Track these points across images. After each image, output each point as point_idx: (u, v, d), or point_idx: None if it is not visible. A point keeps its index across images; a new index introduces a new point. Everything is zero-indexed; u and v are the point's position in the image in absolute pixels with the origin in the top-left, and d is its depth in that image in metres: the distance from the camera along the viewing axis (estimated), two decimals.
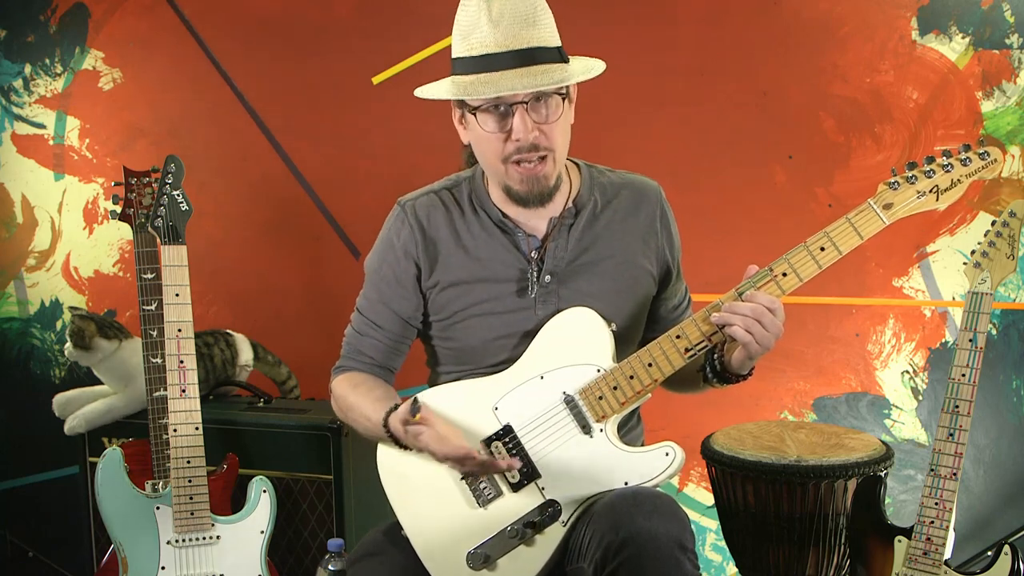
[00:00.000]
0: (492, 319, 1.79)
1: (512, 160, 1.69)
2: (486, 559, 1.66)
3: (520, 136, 1.66)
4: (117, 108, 3.23)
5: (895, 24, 2.79)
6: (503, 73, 1.63)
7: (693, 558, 1.54)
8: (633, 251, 1.83)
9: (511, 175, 1.71)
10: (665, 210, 1.88)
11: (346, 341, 1.90)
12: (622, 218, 1.84)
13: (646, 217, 1.85)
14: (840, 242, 1.63)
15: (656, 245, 1.86)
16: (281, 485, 2.44)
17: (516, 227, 1.80)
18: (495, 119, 1.67)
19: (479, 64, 1.65)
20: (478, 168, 1.85)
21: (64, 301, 3.29)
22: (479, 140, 1.72)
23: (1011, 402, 2.82)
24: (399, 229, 1.84)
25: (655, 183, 1.90)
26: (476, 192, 1.84)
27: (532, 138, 1.67)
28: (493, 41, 1.63)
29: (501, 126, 1.67)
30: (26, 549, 3.18)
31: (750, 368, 1.72)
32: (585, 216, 1.81)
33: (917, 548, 1.97)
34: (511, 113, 1.66)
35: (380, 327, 1.86)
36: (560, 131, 1.71)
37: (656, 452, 1.66)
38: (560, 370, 1.72)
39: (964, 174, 1.63)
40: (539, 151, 1.68)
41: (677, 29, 2.89)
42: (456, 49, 1.69)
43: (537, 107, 1.66)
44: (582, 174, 1.85)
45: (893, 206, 1.63)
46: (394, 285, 1.84)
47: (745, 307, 1.60)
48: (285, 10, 3.11)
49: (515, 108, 1.65)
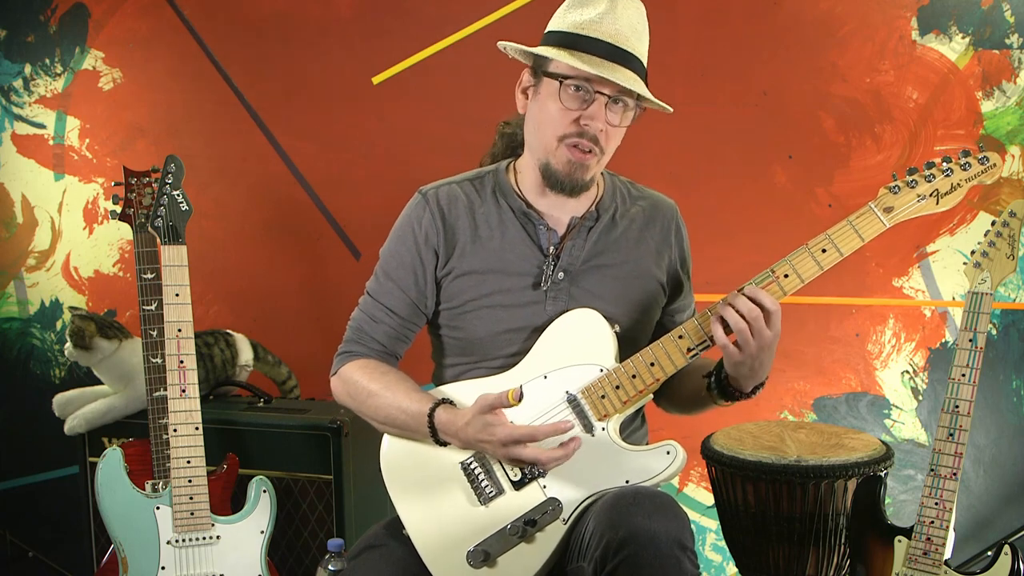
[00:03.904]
0: (501, 312, 1.80)
1: (569, 142, 1.74)
2: (486, 556, 1.66)
3: (591, 123, 1.71)
4: (117, 108, 3.23)
5: (895, 24, 2.79)
6: (605, 61, 1.69)
7: (693, 557, 1.55)
8: (646, 260, 1.87)
9: (560, 154, 1.75)
10: (680, 226, 1.94)
11: (353, 325, 1.89)
12: (639, 228, 1.88)
13: (661, 230, 1.91)
14: (841, 244, 1.66)
15: (669, 257, 1.91)
16: (281, 485, 2.44)
17: (540, 219, 1.83)
18: (576, 98, 1.72)
19: (583, 43, 1.70)
20: (502, 164, 1.90)
21: (64, 301, 3.29)
22: (545, 111, 1.76)
23: (1011, 402, 2.82)
24: (420, 215, 1.85)
25: (672, 201, 1.97)
26: (500, 185, 1.87)
27: (598, 130, 1.72)
28: (606, 31, 1.70)
29: (578, 106, 1.72)
30: (26, 549, 3.17)
31: (752, 386, 1.75)
32: (604, 221, 1.86)
33: (917, 548, 1.97)
34: (592, 100, 1.71)
35: (392, 312, 1.85)
36: (617, 139, 1.78)
37: (657, 451, 1.67)
38: (563, 369, 1.73)
39: (964, 178, 1.67)
40: (596, 145, 1.74)
41: (677, 29, 2.89)
42: (562, 23, 1.75)
43: (614, 107, 1.73)
44: (606, 183, 1.91)
45: (894, 209, 1.66)
46: (409, 269, 1.84)
47: (743, 301, 1.63)
48: (285, 10, 3.11)
49: (599, 97, 1.70)
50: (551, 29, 1.76)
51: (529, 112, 1.81)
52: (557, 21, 1.77)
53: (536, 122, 1.79)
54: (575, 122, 1.72)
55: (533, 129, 1.80)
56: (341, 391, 1.87)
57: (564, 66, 1.71)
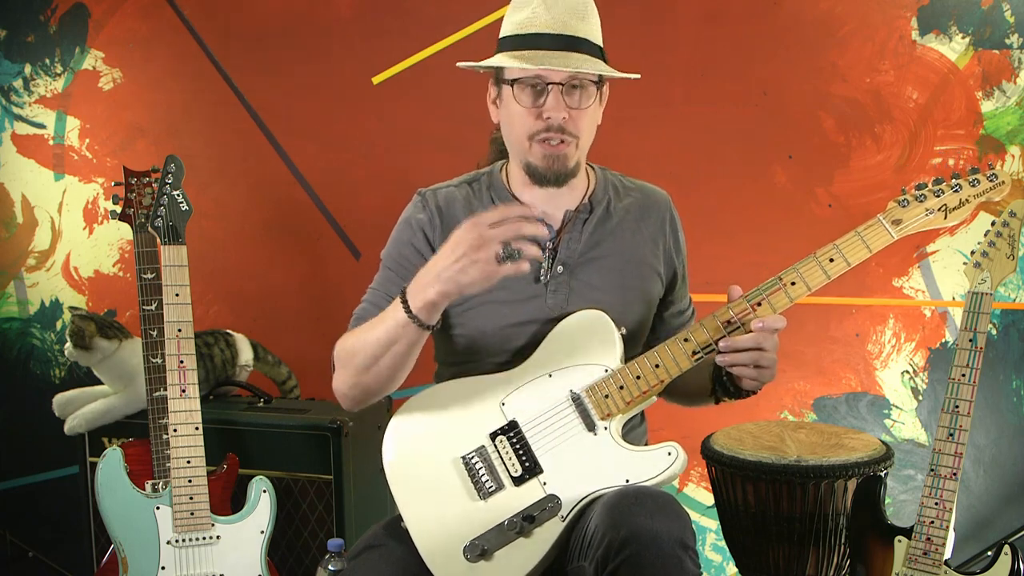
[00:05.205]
0: (502, 307, 1.81)
1: (538, 138, 1.76)
2: (483, 551, 1.66)
3: (551, 114, 1.73)
4: (117, 108, 3.23)
5: (895, 24, 2.79)
6: (547, 52, 1.72)
7: (695, 557, 1.54)
8: (642, 250, 1.89)
9: (534, 152, 1.78)
10: (674, 216, 1.96)
11: (356, 316, 1.89)
12: (633, 219, 1.90)
13: (656, 220, 1.92)
14: (849, 254, 1.68)
15: (664, 247, 1.92)
16: (281, 485, 2.44)
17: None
18: (531, 95, 1.74)
19: (527, 41, 1.73)
20: (496, 164, 1.92)
21: (64, 301, 3.29)
22: (510, 116, 1.79)
23: (1011, 402, 2.82)
24: (418, 213, 1.88)
25: (664, 191, 1.98)
26: (494, 185, 1.89)
27: (561, 119, 1.74)
28: (544, 22, 1.73)
29: (535, 102, 1.74)
30: (26, 549, 3.17)
31: (757, 386, 1.75)
32: (599, 213, 1.87)
33: (917, 548, 1.97)
34: (547, 92, 1.73)
35: (393, 298, 1.84)
36: (587, 121, 1.79)
37: (659, 452, 1.67)
38: (568, 369, 1.74)
39: (972, 194, 1.70)
40: (565, 134, 1.75)
41: (677, 29, 2.89)
42: (505, 28, 1.79)
43: (572, 92, 1.74)
44: (597, 176, 1.93)
45: (902, 222, 1.69)
46: (410, 264, 1.84)
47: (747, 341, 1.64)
48: (285, 10, 3.11)
49: (551, 88, 1.72)
50: (500, 36, 1.81)
51: (501, 120, 1.85)
52: (504, 26, 1.80)
53: (507, 127, 1.83)
54: (538, 118, 1.75)
55: (507, 135, 1.84)
56: (336, 373, 1.82)
57: (513, 69, 1.75)
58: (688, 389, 1.90)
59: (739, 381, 1.73)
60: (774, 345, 1.65)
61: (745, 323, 1.67)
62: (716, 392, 1.82)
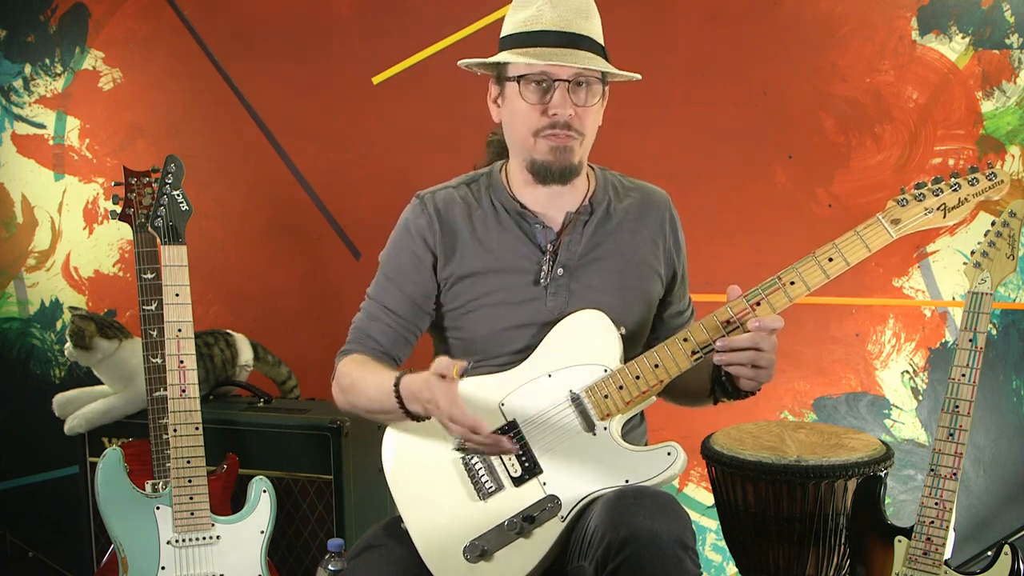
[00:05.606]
0: (503, 309, 1.81)
1: (544, 134, 1.76)
2: (483, 552, 1.66)
3: (557, 111, 1.74)
4: (117, 108, 3.24)
5: (895, 24, 2.79)
6: (554, 49, 1.72)
7: (695, 557, 1.54)
8: (642, 251, 1.88)
9: (539, 147, 1.77)
10: (673, 215, 1.95)
11: (353, 327, 1.89)
12: (633, 219, 1.89)
13: (655, 219, 1.92)
14: (848, 253, 1.68)
15: (664, 247, 1.92)
16: (281, 485, 2.44)
17: (535, 218, 1.84)
18: (536, 92, 1.75)
19: (533, 38, 1.74)
20: (496, 164, 1.92)
21: (64, 301, 3.29)
22: (514, 113, 1.79)
23: (1011, 402, 2.82)
24: (417, 217, 1.87)
25: (664, 191, 1.98)
26: (493, 186, 1.89)
27: (567, 116, 1.74)
28: (549, 20, 1.74)
29: (540, 99, 1.75)
30: (26, 549, 3.17)
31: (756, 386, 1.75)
32: (599, 214, 1.87)
33: (917, 548, 1.97)
34: (552, 89, 1.73)
35: (391, 311, 1.86)
36: (592, 119, 1.79)
37: (658, 452, 1.67)
38: (568, 369, 1.74)
39: (971, 193, 1.70)
40: (571, 131, 1.76)
41: (677, 29, 2.90)
42: (508, 27, 1.79)
43: (577, 90, 1.75)
44: (597, 177, 1.92)
45: (901, 221, 1.69)
46: (408, 270, 1.85)
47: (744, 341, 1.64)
48: (285, 10, 3.11)
49: (558, 84, 1.73)
50: (502, 35, 1.81)
51: (503, 119, 1.85)
52: (506, 26, 1.80)
53: (510, 125, 1.82)
54: (543, 114, 1.75)
55: (510, 133, 1.84)
56: (334, 389, 1.86)
57: (519, 65, 1.75)
58: (687, 389, 1.90)
59: (737, 381, 1.73)
60: (772, 345, 1.65)
61: (744, 323, 1.67)
62: (715, 392, 1.81)
